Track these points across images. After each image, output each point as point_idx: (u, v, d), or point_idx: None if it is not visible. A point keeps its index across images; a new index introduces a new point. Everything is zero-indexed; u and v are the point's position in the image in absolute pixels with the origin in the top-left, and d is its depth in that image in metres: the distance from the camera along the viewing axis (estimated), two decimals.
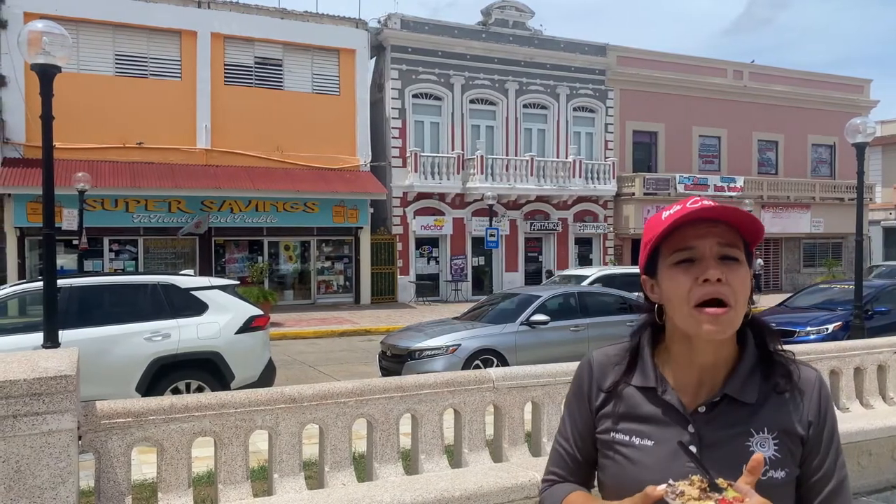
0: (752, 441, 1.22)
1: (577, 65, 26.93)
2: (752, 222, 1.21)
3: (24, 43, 6.06)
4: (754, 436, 1.22)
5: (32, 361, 2.78)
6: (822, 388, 1.28)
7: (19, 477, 2.56)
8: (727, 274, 1.19)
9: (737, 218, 1.20)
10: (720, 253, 1.20)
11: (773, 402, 1.25)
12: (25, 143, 19.07)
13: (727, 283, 1.18)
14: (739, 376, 1.25)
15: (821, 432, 1.25)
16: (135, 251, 20.78)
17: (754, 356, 1.27)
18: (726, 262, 1.20)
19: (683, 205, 1.23)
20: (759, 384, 1.25)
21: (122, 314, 7.24)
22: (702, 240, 1.21)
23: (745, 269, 1.22)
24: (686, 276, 1.20)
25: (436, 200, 24.39)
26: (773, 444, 1.22)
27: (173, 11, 20.99)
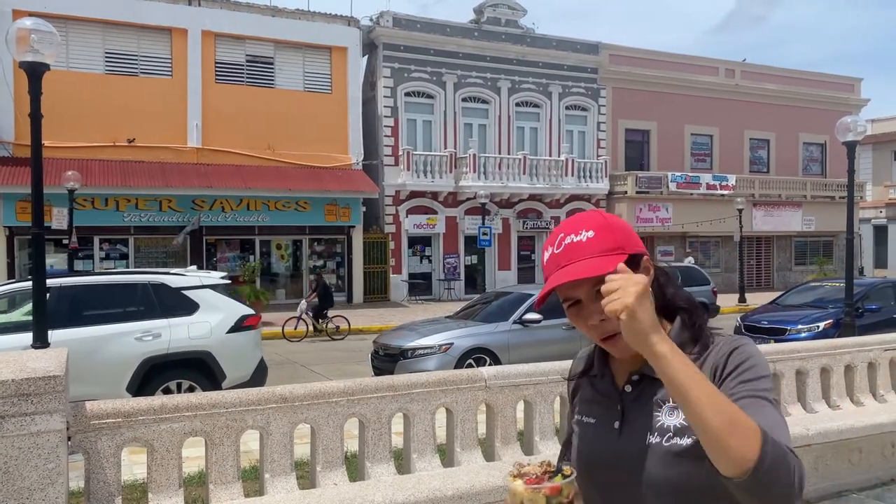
0: (661, 411, 1.28)
1: (569, 63, 26.95)
2: (604, 263, 1.26)
3: (12, 40, 6.01)
4: (663, 406, 1.28)
5: (20, 362, 2.75)
6: (734, 351, 1.27)
7: (7, 478, 2.54)
8: None
9: (586, 273, 1.27)
10: (596, 291, 1.26)
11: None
12: (14, 141, 18.93)
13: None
14: None
15: (724, 375, 1.25)
16: (125, 250, 20.68)
17: (679, 335, 1.32)
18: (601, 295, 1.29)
19: (551, 248, 1.34)
20: None
21: (112, 314, 7.19)
22: (576, 289, 1.30)
23: None
24: (578, 320, 1.34)
25: (428, 199, 24.37)
26: (680, 413, 1.25)
27: (164, 9, 20.88)
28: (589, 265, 1.26)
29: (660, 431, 1.27)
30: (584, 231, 1.31)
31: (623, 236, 1.32)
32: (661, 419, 1.28)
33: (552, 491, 1.27)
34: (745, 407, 1.16)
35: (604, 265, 1.25)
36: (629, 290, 1.12)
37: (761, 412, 1.17)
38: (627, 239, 1.32)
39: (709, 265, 30.08)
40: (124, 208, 19.74)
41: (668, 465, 1.20)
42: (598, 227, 1.31)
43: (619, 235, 1.31)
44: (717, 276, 30.05)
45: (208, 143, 21.31)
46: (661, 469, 1.24)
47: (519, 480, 1.28)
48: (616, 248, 1.29)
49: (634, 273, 1.23)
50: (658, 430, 1.27)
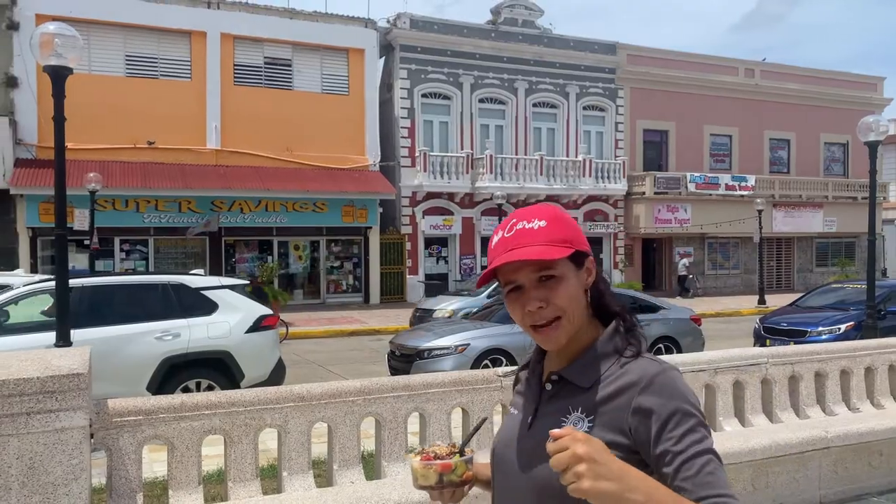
0: (568, 419, 1.30)
1: (586, 63, 26.85)
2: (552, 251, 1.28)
3: (36, 45, 6.11)
4: (571, 414, 1.31)
5: (45, 360, 2.81)
6: (656, 379, 1.26)
7: (33, 473, 2.59)
8: (547, 295, 1.31)
9: (535, 255, 1.29)
10: (538, 277, 1.31)
11: (603, 389, 1.30)
12: (38, 143, 19.21)
13: (549, 304, 1.31)
14: (581, 362, 1.34)
15: (658, 426, 1.23)
16: (145, 251, 20.90)
17: (609, 342, 1.34)
18: (545, 283, 1.31)
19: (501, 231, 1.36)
20: (602, 370, 1.32)
21: (133, 314, 7.29)
22: (518, 272, 1.32)
23: (567, 280, 1.32)
24: (516, 306, 1.35)
25: (445, 200, 24.39)
26: (587, 425, 1.28)
27: (183, 12, 21.09)
28: (538, 250, 1.29)
29: None
30: (536, 220, 1.33)
31: (573, 232, 1.34)
32: (566, 426, 1.27)
33: (443, 468, 1.34)
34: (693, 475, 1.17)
35: (552, 251, 1.28)
36: (580, 472, 1.06)
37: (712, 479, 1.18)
38: (577, 235, 1.35)
39: (728, 266, 29.86)
40: (144, 209, 19.97)
41: (556, 473, 1.19)
42: (551, 218, 1.34)
43: (570, 229, 1.34)
44: (736, 277, 29.85)
45: (227, 144, 21.50)
46: (550, 474, 1.22)
47: (417, 457, 1.37)
48: (565, 240, 1.31)
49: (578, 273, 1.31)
50: None
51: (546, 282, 1.31)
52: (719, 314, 21.33)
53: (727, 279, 29.68)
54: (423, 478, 1.36)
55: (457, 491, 1.40)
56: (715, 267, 29.57)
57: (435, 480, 1.35)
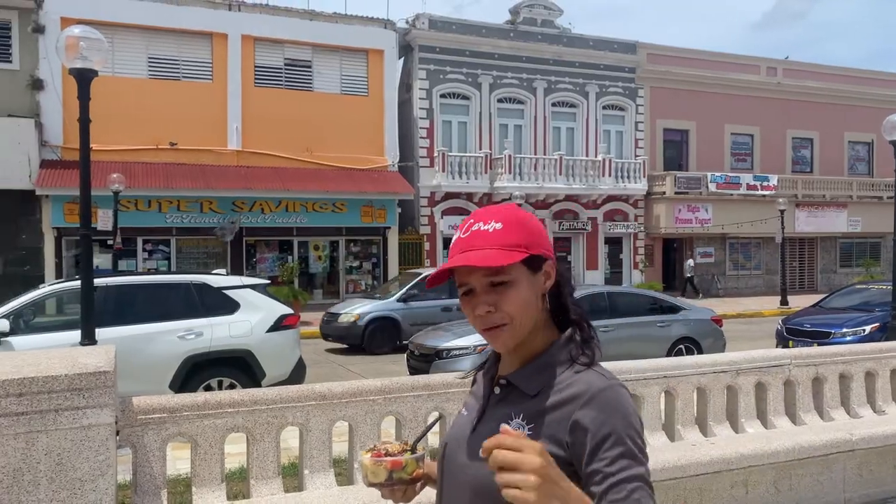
0: (510, 424, 1.28)
1: (606, 63, 26.71)
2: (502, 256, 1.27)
3: (62, 48, 6.21)
4: (512, 420, 1.29)
5: (72, 357, 2.86)
6: (599, 395, 1.24)
7: (61, 469, 2.64)
8: (497, 300, 1.30)
9: (480, 262, 1.28)
10: (489, 282, 1.30)
11: (548, 398, 1.28)
12: (63, 145, 19.50)
13: (498, 309, 1.30)
14: (530, 368, 1.33)
15: (593, 444, 1.21)
16: (167, 251, 21.12)
17: (562, 353, 1.33)
18: (496, 288, 1.30)
19: (459, 231, 1.36)
20: (550, 379, 1.30)
21: (156, 313, 7.38)
22: (470, 276, 1.32)
23: (519, 286, 1.30)
24: (468, 308, 1.35)
25: (463, 200, 24.39)
26: (527, 432, 1.26)
27: (204, 14, 21.30)
28: (486, 255, 1.28)
29: None
30: (493, 222, 1.32)
31: (530, 235, 1.32)
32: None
33: (393, 465, 1.34)
34: (621, 500, 1.16)
35: (500, 257, 1.27)
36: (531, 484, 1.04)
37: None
38: (534, 238, 1.32)
39: (749, 267, 29.55)
40: (166, 210, 20.19)
41: (490, 474, 1.17)
42: (507, 220, 1.32)
43: (525, 233, 1.31)
44: (757, 277, 29.53)
45: (248, 145, 21.67)
46: (483, 475, 1.23)
47: (368, 453, 1.37)
48: (519, 244, 1.30)
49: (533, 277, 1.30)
50: None
51: (497, 287, 1.30)
52: (740, 315, 21.12)
53: (748, 280, 29.37)
54: (373, 475, 1.35)
55: (408, 489, 1.39)
56: (736, 267, 29.27)
57: (385, 477, 1.34)
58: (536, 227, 1.35)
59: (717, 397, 4.81)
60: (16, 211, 18.98)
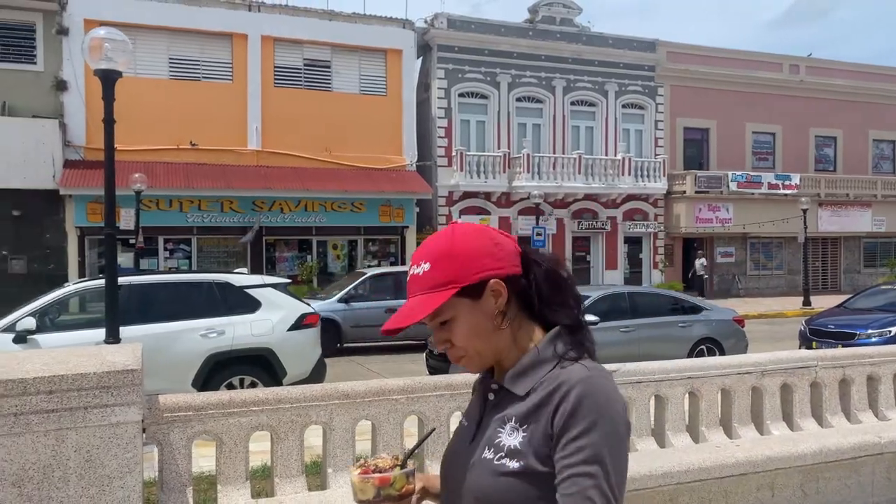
0: (505, 428, 1.29)
1: (625, 61, 26.55)
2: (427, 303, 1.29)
3: (87, 49, 6.28)
4: (507, 423, 1.29)
5: (101, 356, 2.88)
6: (577, 386, 1.23)
7: (90, 466, 2.67)
8: (448, 336, 1.34)
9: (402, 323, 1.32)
10: (436, 323, 1.33)
11: (537, 397, 1.27)
12: (86, 145, 19.74)
13: (453, 344, 1.34)
14: (517, 370, 1.33)
15: (562, 432, 1.21)
16: (188, 250, 21.32)
17: (547, 350, 1.32)
18: (444, 326, 1.33)
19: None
20: (538, 378, 1.30)
21: (179, 311, 7.45)
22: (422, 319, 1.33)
23: (461, 319, 1.32)
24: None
25: (481, 199, 24.37)
26: (522, 434, 1.25)
27: (224, 15, 21.46)
28: (413, 306, 1.30)
29: (495, 448, 1.27)
30: (423, 263, 1.32)
31: (461, 266, 1.30)
32: (502, 436, 1.28)
33: (381, 481, 1.32)
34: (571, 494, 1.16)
35: (425, 306, 1.28)
36: None
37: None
38: (466, 267, 1.30)
39: (771, 267, 29.22)
40: (188, 209, 20.37)
41: (490, 483, 1.20)
42: (436, 257, 1.31)
43: (455, 266, 1.29)
44: (779, 277, 29.19)
45: (268, 145, 21.81)
46: (482, 484, 1.24)
47: (357, 470, 1.35)
48: (448, 282, 1.29)
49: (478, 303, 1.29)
50: (495, 446, 1.28)
51: (444, 325, 1.32)
52: (762, 315, 20.89)
53: (770, 280, 29.04)
54: (361, 492, 1.33)
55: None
56: (757, 267, 28.95)
57: (373, 494, 1.32)
58: (471, 250, 1.31)
59: (741, 399, 4.76)
60: (40, 211, 19.25)
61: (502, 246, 1.34)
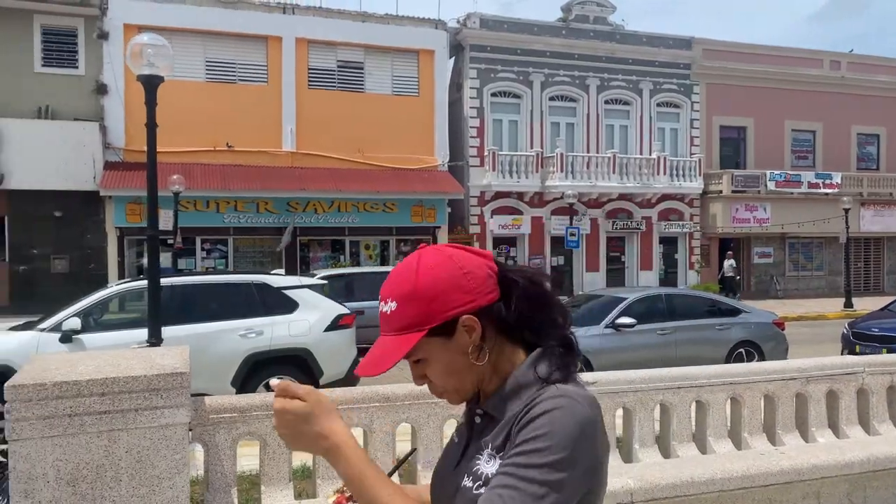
0: (483, 455, 1.24)
1: (660, 59, 26.23)
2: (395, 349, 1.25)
3: (129, 55, 6.42)
4: (485, 450, 1.24)
5: (150, 358, 2.94)
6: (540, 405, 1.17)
7: (140, 467, 2.73)
8: (424, 373, 1.30)
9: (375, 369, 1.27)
10: (411, 361, 1.29)
11: (512, 422, 1.22)
12: (125, 147, 20.15)
13: (429, 380, 1.30)
14: (500, 394, 1.27)
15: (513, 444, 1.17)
16: (225, 250, 21.63)
17: (528, 374, 1.25)
18: (418, 364, 1.29)
19: None
20: (519, 401, 1.24)
21: (219, 312, 7.56)
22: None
23: (434, 359, 1.27)
24: None
25: (514, 199, 24.29)
26: (498, 461, 1.20)
27: (259, 18, 21.73)
28: (384, 353, 1.25)
29: (474, 477, 1.22)
30: (390, 300, 1.27)
31: (427, 305, 1.23)
32: (480, 464, 1.23)
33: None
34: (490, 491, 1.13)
35: (397, 349, 1.23)
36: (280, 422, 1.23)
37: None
38: (433, 306, 1.23)
39: (810, 268, 28.61)
40: (224, 210, 20.67)
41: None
42: (402, 297, 1.25)
43: (421, 306, 1.23)
44: (819, 279, 28.56)
45: (302, 147, 22.02)
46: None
47: (332, 497, 1.34)
48: (413, 324, 1.23)
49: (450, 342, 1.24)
50: (473, 474, 1.23)
51: (418, 363, 1.29)
52: (802, 318, 20.45)
53: (810, 281, 28.43)
54: None
55: None
56: (797, 268, 28.37)
57: None
58: (437, 287, 1.24)
59: (785, 405, 4.67)
60: (81, 211, 19.72)
61: (472, 275, 1.25)
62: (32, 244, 19.64)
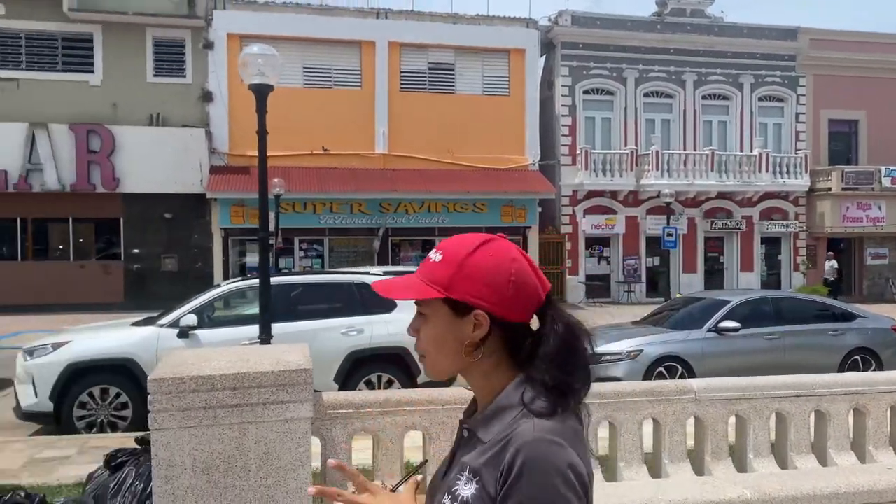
0: (462, 477, 1.21)
1: (762, 51, 25.06)
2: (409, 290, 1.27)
3: (241, 65, 6.74)
4: (464, 472, 1.21)
5: (276, 355, 3.09)
6: (521, 453, 1.13)
7: (267, 458, 2.87)
8: (422, 328, 1.30)
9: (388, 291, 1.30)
10: (417, 312, 1.31)
11: (491, 451, 1.19)
12: (229, 151, 21.14)
13: (419, 337, 1.31)
14: (487, 413, 1.25)
15: (507, 497, 1.13)
16: (321, 250, 22.32)
17: (513, 397, 1.22)
18: (420, 317, 1.30)
19: None
20: (500, 426, 1.21)
21: (322, 310, 7.83)
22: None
23: (431, 322, 1.28)
24: None
25: (607, 198, 23.84)
26: (475, 487, 1.18)
27: (354, 24, 22.28)
28: (404, 287, 1.28)
29: (452, 497, 1.20)
30: (439, 252, 1.29)
31: (462, 278, 1.23)
32: (459, 485, 1.20)
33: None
34: None
35: (412, 292, 1.26)
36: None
37: None
38: (462, 282, 1.23)
39: None
40: (320, 211, 21.34)
41: None
42: (450, 258, 1.26)
43: (455, 275, 1.24)
44: None
45: (393, 149, 22.42)
46: None
47: None
48: (440, 282, 1.24)
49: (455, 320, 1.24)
50: (452, 494, 1.20)
51: (420, 316, 1.30)
52: None
53: None
54: None
55: None
56: None
57: None
58: (480, 271, 1.24)
59: None
60: (188, 213, 20.85)
61: (515, 285, 1.25)
62: (145, 244, 20.92)
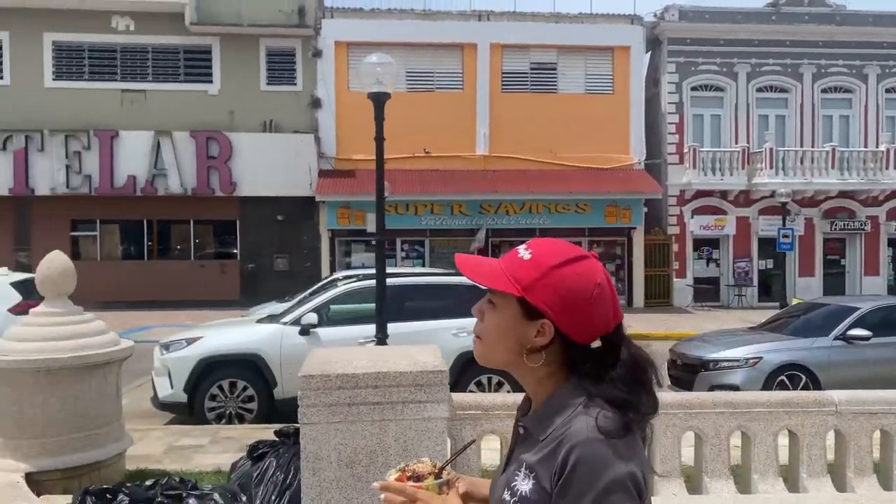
0: (521, 472, 1.25)
1: (890, 40, 23.37)
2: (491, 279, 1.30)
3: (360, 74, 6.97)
4: (522, 467, 1.25)
5: (412, 356, 3.20)
6: (575, 450, 1.16)
7: (406, 455, 2.98)
8: (487, 314, 1.33)
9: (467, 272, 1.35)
10: (487, 298, 1.34)
11: (547, 448, 1.22)
12: (336, 156, 21.87)
13: (482, 321, 1.34)
14: (542, 411, 1.28)
15: (557, 498, 1.16)
16: (421, 250, 22.70)
17: (573, 395, 1.24)
18: (488, 304, 1.34)
19: None
20: (555, 423, 1.23)
21: (433, 311, 7.97)
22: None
23: (498, 313, 1.31)
24: None
25: (716, 198, 22.93)
26: (532, 482, 1.21)
27: (456, 27, 22.49)
28: (485, 271, 1.32)
29: (511, 491, 1.24)
30: (528, 250, 1.31)
31: (540, 284, 1.25)
32: (518, 480, 1.24)
33: None
34: None
35: (490, 279, 1.29)
36: None
37: None
38: (540, 289, 1.25)
39: None
40: (422, 213, 21.70)
41: None
42: (539, 262, 1.28)
43: (538, 281, 1.25)
44: None
45: (494, 150, 22.48)
46: None
47: (396, 473, 1.38)
48: (522, 283, 1.26)
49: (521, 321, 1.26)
50: (511, 489, 1.25)
51: (488, 304, 1.33)
52: None
53: None
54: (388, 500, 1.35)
55: None
56: None
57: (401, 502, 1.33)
58: (561, 285, 1.25)
59: None
60: (298, 215, 21.74)
61: (593, 312, 1.27)
62: (258, 245, 22.00)
